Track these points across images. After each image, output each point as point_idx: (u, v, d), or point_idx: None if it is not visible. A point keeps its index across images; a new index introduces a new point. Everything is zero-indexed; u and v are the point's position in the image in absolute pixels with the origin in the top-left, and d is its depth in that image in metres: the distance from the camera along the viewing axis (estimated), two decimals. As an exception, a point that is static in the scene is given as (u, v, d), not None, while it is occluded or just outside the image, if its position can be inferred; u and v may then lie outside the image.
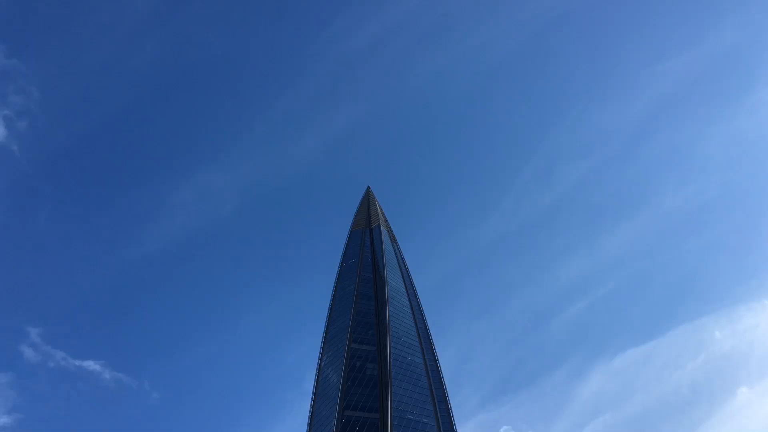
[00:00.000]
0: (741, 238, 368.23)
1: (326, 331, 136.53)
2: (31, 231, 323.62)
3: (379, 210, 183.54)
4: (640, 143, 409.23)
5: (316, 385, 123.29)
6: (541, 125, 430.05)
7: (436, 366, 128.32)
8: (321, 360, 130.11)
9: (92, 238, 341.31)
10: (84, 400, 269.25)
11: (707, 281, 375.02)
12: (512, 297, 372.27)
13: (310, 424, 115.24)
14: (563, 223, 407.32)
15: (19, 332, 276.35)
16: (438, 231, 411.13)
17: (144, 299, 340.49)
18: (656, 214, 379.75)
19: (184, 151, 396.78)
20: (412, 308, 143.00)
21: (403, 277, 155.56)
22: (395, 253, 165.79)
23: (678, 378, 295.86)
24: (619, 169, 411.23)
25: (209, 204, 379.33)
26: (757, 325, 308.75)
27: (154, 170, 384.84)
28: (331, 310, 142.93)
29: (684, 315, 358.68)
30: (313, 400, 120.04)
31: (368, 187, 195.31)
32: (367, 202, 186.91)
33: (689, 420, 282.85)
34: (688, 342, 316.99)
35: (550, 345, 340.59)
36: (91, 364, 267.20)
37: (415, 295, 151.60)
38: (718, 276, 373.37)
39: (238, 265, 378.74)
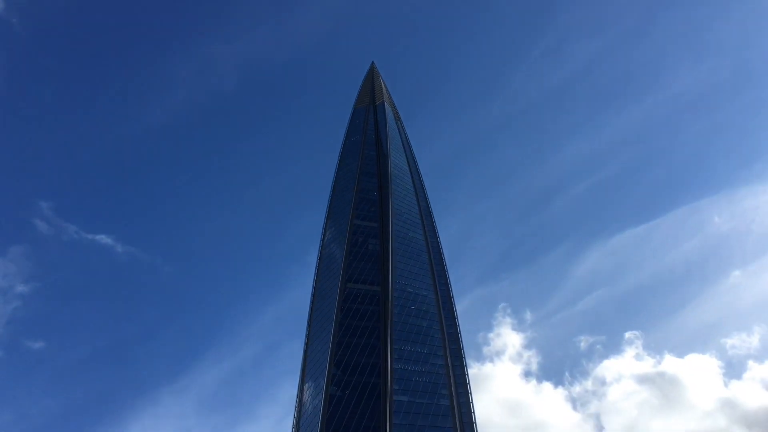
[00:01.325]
0: (749, 121, 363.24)
1: (329, 208, 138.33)
2: (36, 105, 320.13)
3: (383, 87, 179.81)
4: (654, 20, 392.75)
5: (320, 259, 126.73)
6: (552, 1, 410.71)
7: (436, 242, 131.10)
8: (324, 235, 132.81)
9: (96, 111, 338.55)
10: (98, 273, 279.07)
11: (711, 163, 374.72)
12: (515, 177, 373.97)
13: (314, 295, 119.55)
14: (570, 103, 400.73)
15: (30, 206, 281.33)
16: (443, 110, 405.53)
17: (150, 174, 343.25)
18: (666, 95, 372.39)
19: (184, 23, 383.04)
20: (414, 186, 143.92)
21: (406, 155, 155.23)
22: (399, 131, 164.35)
23: (673, 258, 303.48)
24: (631, 49, 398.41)
25: (210, 79, 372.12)
26: (757, 207, 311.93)
27: (154, 42, 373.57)
28: (334, 187, 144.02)
29: (685, 197, 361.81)
30: (317, 273, 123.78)
31: (372, 63, 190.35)
32: (371, 79, 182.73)
33: (680, 297, 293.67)
34: (685, 223, 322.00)
35: (549, 225, 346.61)
36: (104, 238, 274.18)
37: (418, 174, 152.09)
38: (723, 158, 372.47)
39: (240, 141, 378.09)
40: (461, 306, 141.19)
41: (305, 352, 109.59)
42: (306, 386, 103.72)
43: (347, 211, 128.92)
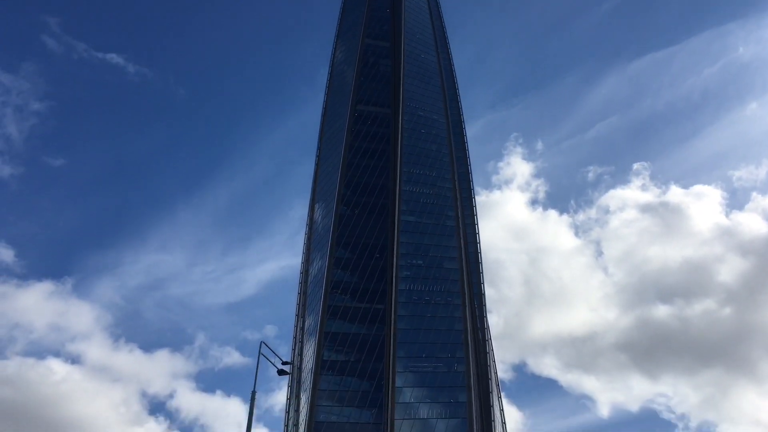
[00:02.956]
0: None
1: (339, 25, 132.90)
2: None
3: None
4: None
5: (330, 80, 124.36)
6: None
7: (449, 64, 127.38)
8: (334, 55, 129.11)
9: None
10: (111, 93, 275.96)
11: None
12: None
13: (324, 117, 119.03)
14: None
15: (38, 21, 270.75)
16: None
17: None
18: None
19: None
20: (428, 3, 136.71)
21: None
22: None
23: (691, 84, 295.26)
24: None
25: None
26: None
27: None
28: (344, 3, 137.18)
29: (711, 20, 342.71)
30: (327, 94, 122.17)
31: None
32: None
33: (692, 126, 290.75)
34: (708, 49, 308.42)
35: (568, 47, 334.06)
36: (114, 57, 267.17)
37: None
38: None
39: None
40: (472, 131, 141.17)
41: (316, 172, 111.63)
42: (317, 206, 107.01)
43: (358, 30, 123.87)
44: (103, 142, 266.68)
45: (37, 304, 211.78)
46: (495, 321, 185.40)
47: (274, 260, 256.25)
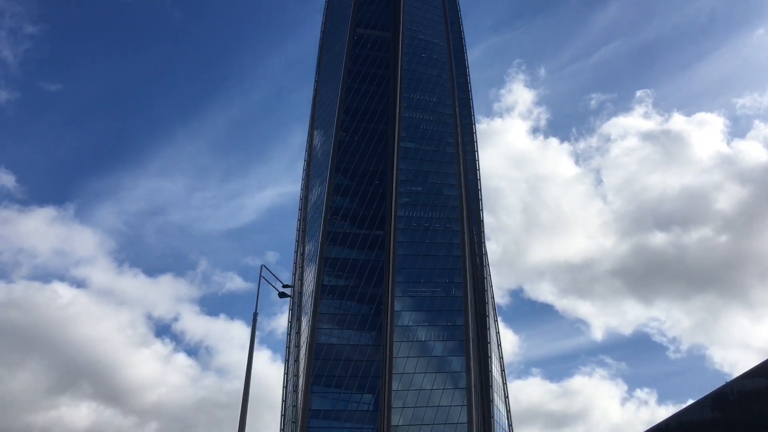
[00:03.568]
0: None
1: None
2: None
3: None
4: None
5: (328, 1, 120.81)
6: None
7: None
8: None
9: None
10: (105, 16, 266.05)
11: None
12: None
13: (322, 40, 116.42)
14: None
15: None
16: None
17: None
18: None
19: None
20: None
21: None
22: None
23: (700, 6, 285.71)
24: None
25: None
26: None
27: None
28: None
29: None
30: (325, 17, 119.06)
31: None
32: None
33: (697, 50, 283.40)
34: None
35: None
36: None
37: None
38: None
39: None
40: (473, 55, 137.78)
41: (315, 98, 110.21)
42: (316, 132, 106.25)
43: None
44: (99, 66, 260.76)
45: (39, 229, 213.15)
46: (493, 248, 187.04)
47: (273, 187, 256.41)
